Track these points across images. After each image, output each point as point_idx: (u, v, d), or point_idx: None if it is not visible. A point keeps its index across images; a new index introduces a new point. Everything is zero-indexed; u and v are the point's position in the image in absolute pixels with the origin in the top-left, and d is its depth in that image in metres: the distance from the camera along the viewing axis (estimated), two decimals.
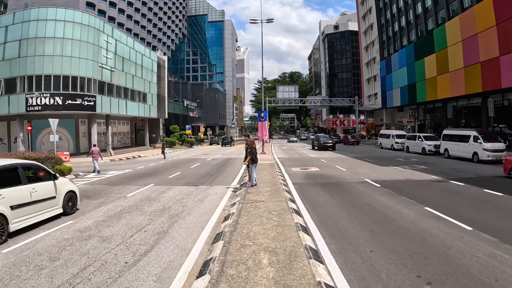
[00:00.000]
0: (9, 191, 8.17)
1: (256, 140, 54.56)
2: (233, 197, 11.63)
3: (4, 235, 7.72)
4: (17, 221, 8.20)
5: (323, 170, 19.50)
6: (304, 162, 25.49)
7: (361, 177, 16.58)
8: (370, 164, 22.84)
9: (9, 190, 8.19)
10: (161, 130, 55.56)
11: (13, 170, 8.68)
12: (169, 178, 17.67)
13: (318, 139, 42.24)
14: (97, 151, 22.47)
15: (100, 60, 36.48)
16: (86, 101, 34.34)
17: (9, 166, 8.67)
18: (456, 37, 38.44)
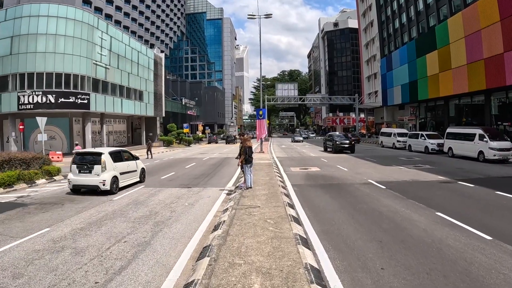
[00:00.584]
0: (118, 164, 14.26)
1: (254, 139, 53.42)
2: (227, 201, 10.73)
3: (117, 189, 13.65)
4: (122, 181, 14.21)
5: (324, 170, 18.62)
6: (304, 161, 24.58)
7: (364, 177, 15.68)
8: (372, 164, 21.94)
9: (118, 164, 14.27)
10: (158, 129, 54.63)
11: (119, 153, 15.08)
12: (161, 179, 16.77)
13: (332, 139, 33.99)
14: None
15: (94, 57, 35.53)
16: (80, 99, 33.41)
17: (117, 150, 15.42)
18: (459, 34, 37.52)
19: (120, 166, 14.27)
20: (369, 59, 73.99)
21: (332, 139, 33.63)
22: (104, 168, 13.24)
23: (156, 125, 53.97)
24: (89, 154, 14.20)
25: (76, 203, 11.66)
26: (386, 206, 9.98)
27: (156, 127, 53.97)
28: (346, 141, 32.38)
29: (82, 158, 13.98)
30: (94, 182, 13.05)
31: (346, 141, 32.54)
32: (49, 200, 12.32)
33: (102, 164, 13.29)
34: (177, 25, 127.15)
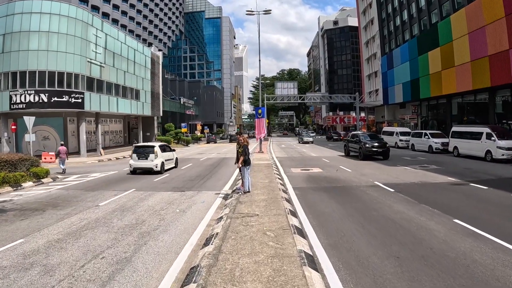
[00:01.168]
0: (164, 154, 19.98)
1: (253, 138, 52.52)
2: (222, 207, 9.78)
3: (163, 170, 19.19)
4: (166, 166, 19.89)
5: (327, 172, 17.67)
6: (305, 162, 23.62)
7: (370, 179, 14.75)
8: (376, 164, 21.00)
9: (163, 153, 20.00)
10: (155, 129, 53.64)
11: (163, 146, 20.91)
12: (154, 182, 15.82)
13: (358, 141, 25.77)
14: (64, 151, 21.85)
15: (89, 55, 34.53)
16: (74, 98, 32.43)
17: (163, 144, 21.49)
18: (462, 30, 36.65)
19: (165, 155, 20.34)
20: (370, 57, 73.07)
21: (359, 140, 25.78)
22: (156, 156, 19.02)
23: (154, 125, 52.98)
24: (145, 147, 20.00)
25: (59, 209, 10.72)
26: (398, 213, 9.03)
27: (154, 126, 52.97)
28: (377, 143, 25.03)
29: (141, 149, 19.70)
30: (150, 165, 18.84)
31: (376, 143, 25.07)
32: (31, 205, 11.39)
33: (155, 153, 19.10)
34: (176, 24, 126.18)
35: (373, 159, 23.72)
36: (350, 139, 28.69)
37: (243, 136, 11.45)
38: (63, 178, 18.51)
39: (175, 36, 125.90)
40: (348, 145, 28.47)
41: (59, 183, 16.74)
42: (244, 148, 10.84)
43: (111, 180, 16.93)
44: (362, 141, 25.38)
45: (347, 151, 28.41)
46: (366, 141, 25.25)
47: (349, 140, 28.74)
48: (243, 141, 11.02)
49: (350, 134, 31.14)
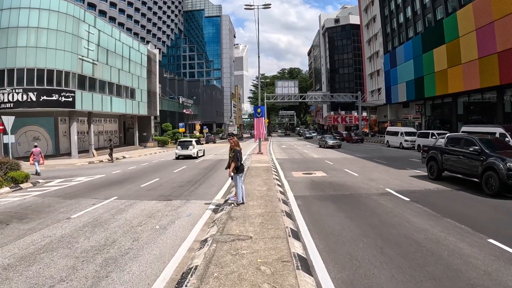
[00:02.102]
0: (197, 146, 30.96)
1: (252, 138, 50.94)
2: (210, 223, 8.27)
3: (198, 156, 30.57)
4: (199, 154, 30.81)
5: (331, 176, 16.14)
6: (306, 164, 22.09)
7: (380, 185, 13.25)
8: (383, 167, 19.53)
9: (198, 145, 30.99)
10: (152, 128, 52.17)
11: (197, 140, 33.42)
12: (140, 188, 14.32)
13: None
14: (38, 152, 21.09)
15: (80, 52, 33.05)
16: (64, 97, 30.95)
17: (196, 139, 34.16)
18: (469, 26, 35.25)
19: (198, 147, 30.75)
20: (372, 55, 71.57)
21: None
22: (193, 147, 29.44)
23: (150, 125, 51.50)
24: (186, 141, 31.03)
25: (24, 222, 9.25)
26: (421, 231, 7.52)
27: (150, 126, 51.50)
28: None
29: (183, 143, 30.19)
30: (189, 153, 29.19)
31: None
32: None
33: (193, 145, 29.57)
34: (175, 22, 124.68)
35: (380, 162, 22.26)
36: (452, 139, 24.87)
37: (233, 138, 10.00)
38: (44, 183, 17.04)
39: (174, 35, 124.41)
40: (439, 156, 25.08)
41: (38, 188, 15.27)
42: (236, 152, 9.40)
43: (95, 186, 15.45)
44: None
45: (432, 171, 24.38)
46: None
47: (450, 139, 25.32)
48: (234, 144, 9.59)
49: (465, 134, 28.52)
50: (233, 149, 9.45)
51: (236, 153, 9.35)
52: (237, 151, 9.40)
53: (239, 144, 9.66)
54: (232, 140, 9.71)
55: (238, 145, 9.57)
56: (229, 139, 9.90)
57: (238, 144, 9.64)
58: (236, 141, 9.69)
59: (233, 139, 9.82)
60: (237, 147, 9.54)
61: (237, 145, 9.56)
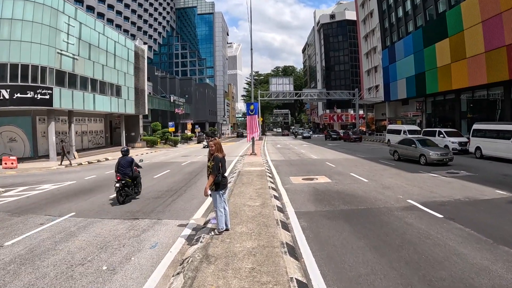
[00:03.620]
0: None
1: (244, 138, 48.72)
2: (178, 265, 5.79)
3: None
4: None
5: (337, 182, 13.74)
6: (305, 167, 19.65)
7: (398, 195, 10.93)
8: (393, 170, 17.24)
9: None
10: (141, 128, 49.56)
11: None
12: (108, 200, 11.83)
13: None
14: None
15: (59, 46, 30.44)
16: (40, 94, 28.36)
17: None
18: (475, 18, 33.22)
19: None
20: (369, 51, 69.43)
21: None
22: None
23: (139, 124, 48.91)
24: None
25: None
26: (480, 271, 5.22)
27: (139, 126, 48.91)
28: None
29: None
30: None
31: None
32: None
33: None
34: (167, 20, 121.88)
35: (387, 164, 19.99)
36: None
37: (214, 140, 7.19)
38: (3, 192, 14.54)
39: (166, 33, 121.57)
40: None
41: None
42: (217, 161, 6.79)
43: (58, 196, 12.97)
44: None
45: None
46: None
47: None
48: (215, 149, 6.97)
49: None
50: (213, 155, 6.94)
51: (217, 162, 6.75)
52: (218, 159, 6.80)
53: (221, 149, 7.08)
54: (213, 143, 7.03)
55: (220, 150, 7.00)
56: (209, 142, 7.21)
57: (220, 148, 7.03)
58: (217, 145, 7.04)
59: (213, 141, 7.11)
60: (219, 153, 6.92)
61: (219, 150, 6.96)
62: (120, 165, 11.13)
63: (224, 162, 7.04)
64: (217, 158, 6.79)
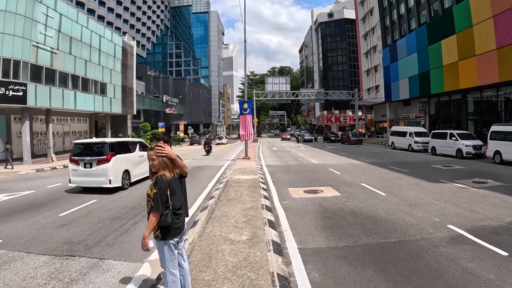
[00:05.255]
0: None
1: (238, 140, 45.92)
2: None
3: None
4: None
5: (348, 197, 10.96)
6: (306, 174, 16.89)
7: (433, 217, 8.29)
8: (410, 178, 14.63)
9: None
10: (129, 129, 46.79)
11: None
12: (52, 221, 8.92)
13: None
14: None
15: (35, 38, 27.68)
16: (12, 90, 25.60)
17: None
18: (485, 13, 30.95)
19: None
20: (368, 50, 66.98)
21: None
22: None
23: (127, 125, 46.15)
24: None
25: None
26: None
27: (127, 126, 46.13)
28: None
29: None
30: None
31: None
32: None
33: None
34: (161, 18, 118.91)
35: (400, 171, 17.41)
36: None
37: (160, 147, 3.93)
38: None
39: (160, 32, 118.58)
40: None
41: None
42: (161, 186, 3.77)
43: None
44: None
45: None
46: None
47: None
48: (159, 163, 3.89)
49: None
50: (155, 176, 3.94)
51: (162, 188, 3.77)
52: (164, 183, 3.80)
53: (175, 164, 3.98)
54: (154, 152, 3.90)
55: (169, 167, 3.92)
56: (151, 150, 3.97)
57: (169, 165, 3.93)
58: (164, 156, 3.90)
59: (158, 149, 3.91)
60: (166, 171, 3.88)
61: (167, 167, 3.90)
62: None
63: (180, 187, 4.06)
64: (163, 182, 3.77)
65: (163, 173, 3.86)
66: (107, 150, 13.32)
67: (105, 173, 13.11)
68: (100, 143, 13.75)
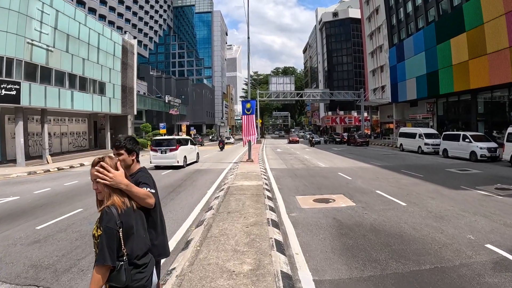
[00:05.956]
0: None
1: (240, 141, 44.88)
2: None
3: None
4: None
5: (365, 207, 9.56)
6: (314, 179, 15.58)
7: (467, 234, 7.00)
8: (428, 185, 13.35)
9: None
10: (129, 130, 45.67)
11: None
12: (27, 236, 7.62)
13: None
14: None
15: (30, 35, 26.57)
16: (5, 89, 24.48)
17: None
18: (497, 10, 29.87)
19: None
20: (374, 50, 65.66)
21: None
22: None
23: (127, 125, 45.03)
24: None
25: None
26: None
27: (127, 127, 45.01)
28: None
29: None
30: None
31: None
32: None
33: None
34: (163, 18, 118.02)
35: (415, 176, 16.17)
36: None
37: (103, 168, 2.56)
38: None
39: (162, 32, 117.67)
40: None
41: None
42: (107, 230, 2.42)
43: None
44: None
45: None
46: None
47: None
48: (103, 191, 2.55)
49: None
50: (101, 208, 2.57)
51: (108, 231, 2.44)
52: (111, 222, 2.46)
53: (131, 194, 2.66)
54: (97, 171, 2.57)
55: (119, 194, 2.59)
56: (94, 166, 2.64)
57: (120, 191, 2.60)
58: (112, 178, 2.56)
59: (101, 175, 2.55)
60: (117, 198, 2.55)
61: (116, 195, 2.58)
62: None
63: (144, 220, 2.80)
64: (110, 219, 2.46)
65: (113, 203, 2.56)
66: (175, 143, 21.82)
67: (174, 156, 21.46)
68: (171, 139, 22.73)
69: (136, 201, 2.68)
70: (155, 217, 2.99)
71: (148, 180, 3.04)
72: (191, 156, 24.07)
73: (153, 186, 3.02)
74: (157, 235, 3.02)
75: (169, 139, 22.39)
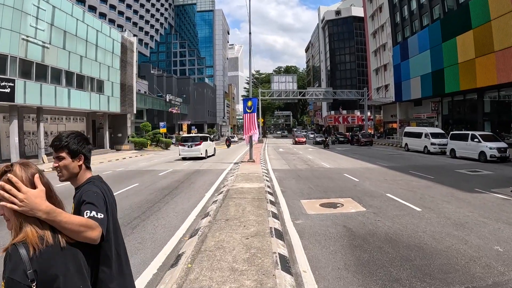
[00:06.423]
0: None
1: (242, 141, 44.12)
2: None
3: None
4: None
5: (376, 213, 8.70)
6: (319, 181, 14.76)
7: (494, 245, 6.12)
8: (440, 187, 12.52)
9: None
10: (129, 129, 44.93)
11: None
12: None
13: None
14: None
15: (25, 31, 25.82)
16: None
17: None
18: (504, 7, 29.10)
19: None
20: (378, 49, 64.78)
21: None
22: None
23: (126, 124, 44.28)
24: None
25: None
26: None
27: (127, 126, 44.27)
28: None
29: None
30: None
31: None
32: None
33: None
34: (165, 16, 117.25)
35: (424, 177, 15.33)
36: None
37: (19, 172, 1.73)
38: None
39: (164, 30, 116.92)
40: None
41: None
42: (10, 283, 1.50)
43: None
44: None
45: None
46: None
47: None
48: (12, 225, 1.66)
49: None
50: (6, 246, 1.63)
51: (11, 284, 1.53)
52: (17, 272, 1.56)
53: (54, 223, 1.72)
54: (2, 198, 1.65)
55: (33, 224, 1.69)
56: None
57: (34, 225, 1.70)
58: (34, 195, 1.69)
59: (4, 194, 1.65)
60: (31, 228, 1.66)
61: (29, 224, 1.68)
62: None
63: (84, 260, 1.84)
64: (16, 265, 1.53)
65: (24, 239, 1.65)
66: (199, 139, 28.00)
67: (198, 150, 27.23)
68: (195, 136, 29.92)
69: (67, 235, 1.76)
70: (108, 250, 2.06)
71: (96, 198, 2.04)
72: (210, 149, 29.86)
73: (103, 207, 2.03)
74: (111, 276, 2.04)
75: (194, 136, 29.30)
